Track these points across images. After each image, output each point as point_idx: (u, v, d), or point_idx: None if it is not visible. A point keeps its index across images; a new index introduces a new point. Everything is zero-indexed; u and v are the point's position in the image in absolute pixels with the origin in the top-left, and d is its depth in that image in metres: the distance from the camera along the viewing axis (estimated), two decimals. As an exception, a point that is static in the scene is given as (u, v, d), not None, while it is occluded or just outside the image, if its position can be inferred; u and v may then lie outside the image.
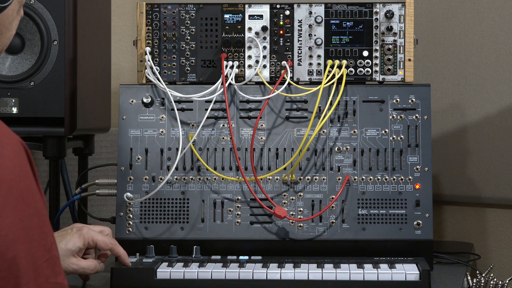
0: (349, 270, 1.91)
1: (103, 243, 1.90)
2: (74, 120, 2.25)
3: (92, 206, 2.78)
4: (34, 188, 1.25)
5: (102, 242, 1.90)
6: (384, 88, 2.18)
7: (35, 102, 2.23)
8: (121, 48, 3.00)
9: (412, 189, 2.12)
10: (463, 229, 2.77)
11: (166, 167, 2.16)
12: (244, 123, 2.18)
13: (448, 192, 2.74)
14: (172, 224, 2.13)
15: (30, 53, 2.24)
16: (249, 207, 2.13)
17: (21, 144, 1.25)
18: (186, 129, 2.18)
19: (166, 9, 2.24)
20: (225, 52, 2.23)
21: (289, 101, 2.18)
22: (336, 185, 2.13)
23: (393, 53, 2.21)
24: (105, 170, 2.76)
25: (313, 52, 2.22)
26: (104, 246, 1.91)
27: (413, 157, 2.14)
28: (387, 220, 2.11)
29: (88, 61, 2.35)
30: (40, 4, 2.23)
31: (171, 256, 2.03)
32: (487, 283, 2.06)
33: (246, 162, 2.15)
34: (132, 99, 2.19)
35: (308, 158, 2.15)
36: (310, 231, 2.11)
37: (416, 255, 2.07)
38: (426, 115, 2.16)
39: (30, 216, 1.23)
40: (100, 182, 2.25)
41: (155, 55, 2.25)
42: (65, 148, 2.30)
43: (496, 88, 2.66)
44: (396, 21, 2.21)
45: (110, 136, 2.80)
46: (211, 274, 1.92)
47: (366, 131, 2.16)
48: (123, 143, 2.17)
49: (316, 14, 2.22)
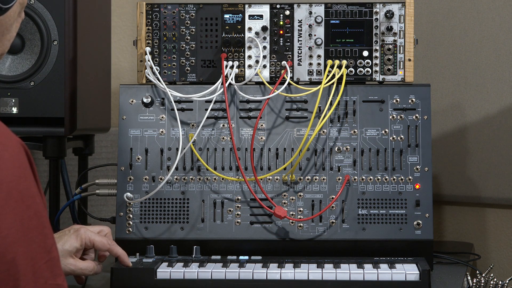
0: (349, 270, 1.91)
1: (100, 243, 1.89)
2: (74, 120, 2.25)
3: (92, 206, 2.78)
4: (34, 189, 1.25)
5: (99, 242, 1.89)
6: (384, 88, 2.18)
7: (35, 102, 2.23)
8: (121, 48, 3.00)
9: (412, 189, 2.12)
10: (463, 229, 2.77)
11: (166, 167, 2.16)
12: (244, 123, 2.18)
13: (448, 192, 2.74)
14: (172, 224, 2.13)
15: (30, 53, 2.24)
16: (249, 207, 2.13)
17: (21, 146, 1.25)
18: (186, 129, 2.18)
19: (166, 9, 2.24)
20: (225, 52, 2.23)
21: (289, 101, 2.18)
22: (336, 185, 2.13)
23: (393, 53, 2.21)
24: (105, 170, 2.76)
25: (313, 52, 2.22)
26: (102, 246, 1.90)
27: (413, 157, 2.14)
28: (387, 220, 2.11)
29: (88, 61, 2.35)
30: (40, 4, 2.23)
31: (171, 256, 2.03)
32: (487, 283, 2.06)
33: (246, 162, 2.15)
34: (132, 99, 2.19)
35: (308, 158, 2.15)
36: (310, 231, 2.11)
37: (416, 255, 2.07)
38: (426, 115, 2.16)
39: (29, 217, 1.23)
40: (100, 182, 2.25)
41: (155, 55, 2.25)
42: (65, 148, 2.30)
43: (496, 88, 2.66)
44: (396, 21, 2.21)
45: (110, 136, 2.79)
46: (211, 274, 1.92)
47: (366, 131, 2.16)
48: (123, 143, 2.17)
49: (316, 14, 2.22)
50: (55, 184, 2.33)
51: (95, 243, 1.89)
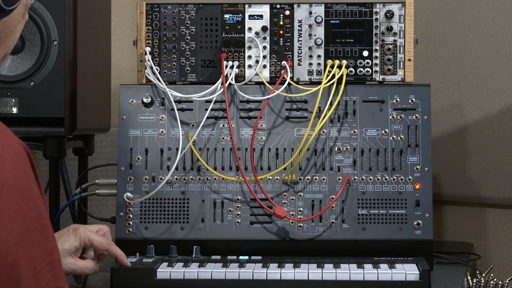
0: (349, 270, 1.91)
1: (99, 243, 1.89)
2: (74, 120, 2.25)
3: (92, 206, 2.78)
4: (36, 191, 1.25)
5: (98, 242, 1.89)
6: (384, 88, 2.18)
7: (35, 102, 2.23)
8: (121, 48, 3.00)
9: (412, 189, 2.12)
10: (463, 229, 2.77)
11: (166, 167, 2.16)
12: (244, 123, 2.18)
13: (448, 192, 2.74)
14: (172, 224, 2.13)
15: (30, 53, 2.24)
16: (249, 207, 2.13)
17: (23, 148, 1.25)
18: (186, 129, 2.18)
19: (166, 9, 2.24)
20: (225, 52, 2.23)
21: (289, 101, 2.18)
22: (336, 185, 2.13)
23: (393, 53, 2.21)
24: (105, 170, 2.76)
25: (313, 52, 2.22)
26: (100, 246, 1.90)
27: (413, 157, 2.14)
28: (387, 220, 2.11)
29: (88, 61, 2.35)
30: (40, 4, 2.23)
31: (171, 256, 2.03)
32: (487, 283, 2.06)
33: (246, 162, 2.15)
34: (132, 99, 2.19)
35: (308, 158, 2.15)
36: (310, 231, 2.11)
37: (416, 255, 2.07)
38: (426, 115, 2.15)
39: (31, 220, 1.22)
40: (100, 182, 2.25)
41: (155, 55, 2.25)
42: (65, 148, 2.30)
43: (496, 88, 2.66)
44: (396, 21, 2.21)
45: (110, 136, 2.80)
46: (211, 274, 1.92)
47: (366, 131, 2.16)
48: (123, 143, 2.17)
49: (316, 14, 2.22)
50: (55, 184, 2.33)
51: (94, 242, 1.89)
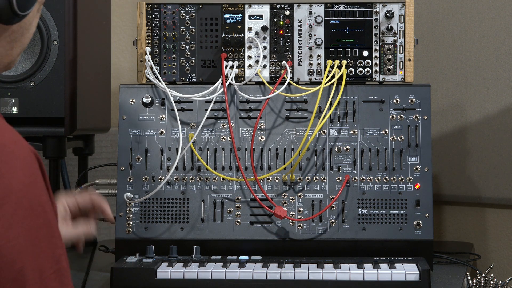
0: (349, 270, 1.91)
1: (77, 196, 1.83)
2: (74, 120, 2.25)
3: (92, 206, 2.78)
4: (45, 198, 1.24)
5: (76, 196, 1.83)
6: (384, 88, 2.18)
7: (35, 102, 2.23)
8: (121, 48, 3.00)
9: (412, 189, 2.12)
10: (463, 229, 2.77)
11: (166, 167, 2.16)
12: (244, 123, 2.18)
13: (448, 192, 2.74)
14: (172, 224, 2.13)
15: (30, 53, 2.24)
16: (249, 207, 2.13)
17: (33, 154, 1.24)
18: (186, 129, 2.18)
19: (166, 9, 2.24)
20: (225, 52, 2.23)
21: (289, 101, 2.18)
22: (336, 185, 2.13)
23: (393, 53, 2.21)
24: (105, 170, 2.76)
25: (313, 52, 2.22)
26: (80, 197, 1.83)
27: (413, 157, 2.14)
28: (387, 220, 2.11)
29: (88, 61, 2.35)
30: (40, 4, 2.22)
31: (171, 256, 2.03)
32: (487, 283, 2.06)
33: (246, 162, 2.15)
34: (132, 99, 2.19)
35: (308, 158, 2.15)
36: (310, 231, 2.11)
37: (416, 255, 2.07)
38: (426, 115, 2.15)
39: (39, 227, 1.22)
40: (100, 182, 2.25)
41: (155, 55, 2.25)
42: (65, 148, 2.30)
43: (496, 88, 2.66)
44: (396, 21, 2.21)
45: (110, 136, 2.80)
46: (211, 274, 1.92)
47: (366, 131, 2.16)
48: (123, 143, 2.17)
49: (316, 14, 2.22)
50: (55, 184, 2.34)
51: (74, 199, 1.83)
